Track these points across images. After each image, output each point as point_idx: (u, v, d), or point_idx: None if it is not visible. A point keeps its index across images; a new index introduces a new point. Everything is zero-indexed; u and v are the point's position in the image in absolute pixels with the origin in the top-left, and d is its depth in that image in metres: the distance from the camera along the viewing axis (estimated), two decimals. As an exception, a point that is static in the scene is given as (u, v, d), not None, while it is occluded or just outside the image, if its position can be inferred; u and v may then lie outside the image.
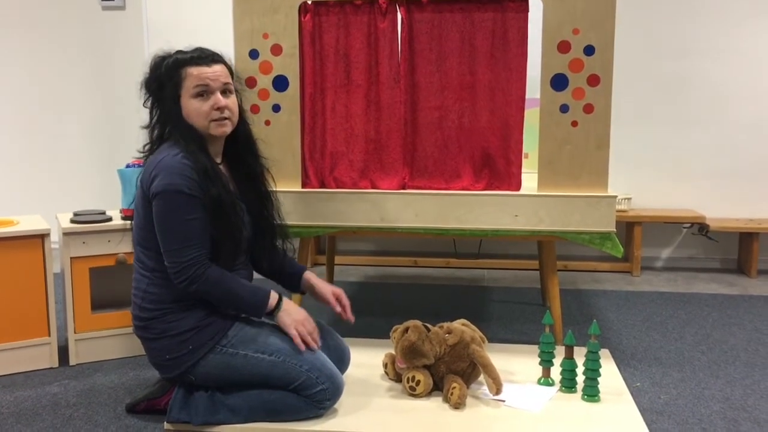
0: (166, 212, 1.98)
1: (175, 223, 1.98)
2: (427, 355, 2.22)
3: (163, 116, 2.11)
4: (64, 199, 4.23)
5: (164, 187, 1.97)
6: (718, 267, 4.28)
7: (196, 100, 2.06)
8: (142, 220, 2.07)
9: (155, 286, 2.06)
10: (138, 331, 2.11)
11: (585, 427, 2.06)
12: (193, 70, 2.06)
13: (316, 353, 2.10)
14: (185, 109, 2.07)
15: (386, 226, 2.71)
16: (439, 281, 3.99)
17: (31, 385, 2.43)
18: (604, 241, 2.63)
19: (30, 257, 2.51)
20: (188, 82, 2.06)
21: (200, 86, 2.06)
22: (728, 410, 2.21)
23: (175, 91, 2.07)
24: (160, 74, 2.08)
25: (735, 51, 4.08)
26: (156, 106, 2.12)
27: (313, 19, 2.72)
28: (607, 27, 2.54)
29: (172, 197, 1.97)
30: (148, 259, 2.08)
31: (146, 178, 2.03)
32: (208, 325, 2.05)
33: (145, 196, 2.03)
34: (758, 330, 3.04)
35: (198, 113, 2.06)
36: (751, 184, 4.16)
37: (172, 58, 2.10)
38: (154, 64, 2.11)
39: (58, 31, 4.57)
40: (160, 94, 2.10)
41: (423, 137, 2.74)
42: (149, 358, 2.13)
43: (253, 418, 2.06)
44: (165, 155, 2.02)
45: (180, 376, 2.09)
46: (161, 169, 1.99)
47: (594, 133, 2.59)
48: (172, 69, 2.07)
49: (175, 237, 1.98)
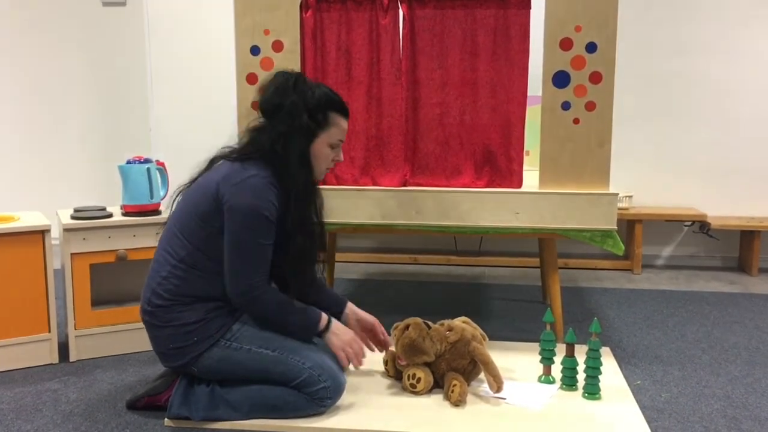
0: (243, 230, 2.00)
1: (251, 244, 2.01)
2: (428, 353, 2.21)
3: (283, 140, 2.08)
4: (64, 195, 4.23)
5: (250, 206, 1.99)
6: (719, 265, 4.28)
7: (328, 148, 2.15)
8: (195, 211, 2.05)
9: (175, 278, 2.05)
10: (145, 316, 2.10)
11: (586, 425, 2.06)
12: (342, 122, 2.16)
13: (318, 351, 2.11)
14: (315, 148, 2.12)
15: (387, 223, 2.71)
16: (439, 278, 3.99)
17: (31, 381, 2.43)
18: (605, 238, 2.62)
19: (30, 253, 2.51)
20: (333, 131, 2.14)
21: (340, 140, 2.18)
22: (729, 408, 2.21)
23: (316, 130, 2.11)
24: (305, 102, 2.09)
25: (737, 49, 4.08)
26: (282, 126, 2.09)
27: (315, 16, 2.71)
28: (609, 24, 2.54)
29: (254, 218, 1.99)
30: (180, 248, 2.06)
31: (226, 182, 2.02)
32: (214, 318, 2.05)
33: (215, 197, 2.02)
34: (759, 328, 3.04)
35: (325, 160, 2.16)
36: (753, 182, 4.16)
37: (323, 93, 2.13)
38: (295, 86, 2.10)
39: (58, 27, 4.57)
40: (294, 120, 2.08)
41: (424, 134, 2.73)
42: (153, 347, 2.13)
43: (254, 415, 2.06)
44: (256, 173, 2.02)
45: (182, 367, 2.09)
46: (250, 187, 2.00)
47: (596, 131, 2.59)
48: (323, 107, 2.11)
49: (247, 258, 2.01)
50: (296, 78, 2.12)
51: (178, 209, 2.14)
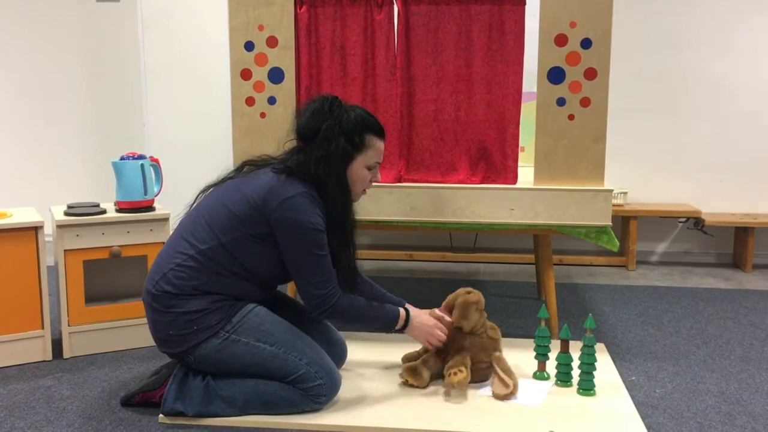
0: (302, 244, 2.04)
1: (313, 257, 2.05)
2: (471, 320, 2.27)
3: (322, 164, 2.09)
4: (57, 192, 4.21)
5: (305, 222, 2.03)
6: (714, 261, 4.29)
7: (365, 170, 2.17)
8: (231, 211, 2.07)
9: (190, 268, 2.05)
10: (148, 298, 2.09)
11: (580, 420, 2.06)
12: (378, 144, 2.19)
13: (316, 348, 2.11)
14: (352, 171, 2.15)
15: (382, 219, 2.71)
16: (434, 275, 3.99)
17: (25, 378, 2.42)
18: (600, 235, 2.63)
19: (23, 250, 2.50)
20: (370, 153, 2.17)
21: (377, 162, 2.21)
22: (723, 404, 2.22)
23: (353, 152, 2.13)
24: (341, 125, 2.10)
25: (732, 45, 4.08)
26: (319, 150, 2.10)
27: (309, 11, 2.70)
28: (604, 20, 2.54)
29: (311, 233, 2.04)
30: (205, 239, 2.06)
31: (274, 196, 2.04)
32: (216, 310, 2.05)
33: (258, 206, 2.05)
34: (753, 324, 3.05)
35: (362, 182, 2.19)
36: (747, 178, 4.16)
37: (358, 116, 2.15)
38: (331, 109, 2.12)
39: (52, 23, 4.54)
40: (331, 144, 2.10)
41: (419, 130, 2.73)
42: (152, 330, 2.12)
43: (248, 410, 2.06)
44: (304, 191, 2.06)
45: (179, 355, 2.09)
46: (300, 203, 2.04)
47: (591, 127, 2.59)
48: (359, 130, 2.13)
49: (314, 270, 2.06)
50: (332, 101, 2.14)
51: (210, 201, 2.14)
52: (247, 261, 2.08)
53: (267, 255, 2.08)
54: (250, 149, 2.67)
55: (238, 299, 2.09)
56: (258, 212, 2.05)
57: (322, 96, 2.18)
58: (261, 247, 2.07)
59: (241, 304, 2.09)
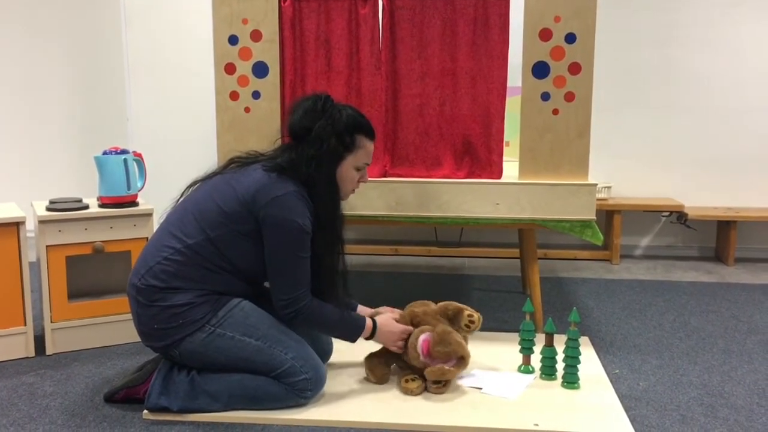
0: (285, 245, 2.04)
1: (293, 258, 2.05)
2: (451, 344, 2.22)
3: (312, 163, 2.09)
4: (40, 187, 4.16)
5: (292, 222, 2.03)
6: (697, 255, 4.32)
7: (354, 170, 2.18)
8: (219, 206, 2.06)
9: (177, 262, 2.04)
10: (133, 291, 2.08)
11: (565, 413, 2.07)
12: (368, 145, 2.19)
13: (301, 343, 2.11)
14: (342, 170, 2.15)
15: (367, 214, 2.70)
16: (420, 269, 3.99)
17: (7, 374, 2.39)
18: (584, 229, 2.64)
19: (5, 245, 2.47)
20: (361, 154, 2.17)
21: (366, 163, 2.21)
22: (706, 396, 2.24)
23: (343, 153, 2.13)
24: (333, 125, 2.10)
25: (716, 40, 4.10)
26: (311, 150, 2.10)
27: (294, 5, 2.69)
28: (588, 15, 2.54)
29: (296, 233, 2.04)
30: (192, 233, 2.06)
31: (264, 193, 2.03)
32: (201, 304, 2.04)
33: (247, 203, 2.04)
34: (735, 317, 3.08)
35: (351, 182, 2.19)
36: (730, 173, 4.20)
37: (350, 116, 2.14)
38: (324, 109, 2.12)
39: (34, 16, 4.49)
40: (322, 143, 2.10)
41: (404, 125, 2.73)
42: (136, 324, 2.10)
43: (233, 405, 2.05)
44: (295, 189, 2.06)
45: (163, 349, 2.08)
46: (291, 202, 2.04)
47: (575, 122, 2.60)
48: (350, 130, 2.13)
49: (291, 271, 2.06)
50: (325, 100, 2.14)
51: (198, 196, 2.13)
52: (235, 256, 2.07)
53: (254, 251, 2.07)
54: (235, 144, 2.66)
55: (224, 294, 2.08)
56: (247, 209, 2.04)
57: (314, 94, 2.17)
58: (249, 243, 2.06)
59: (227, 299, 2.08)
